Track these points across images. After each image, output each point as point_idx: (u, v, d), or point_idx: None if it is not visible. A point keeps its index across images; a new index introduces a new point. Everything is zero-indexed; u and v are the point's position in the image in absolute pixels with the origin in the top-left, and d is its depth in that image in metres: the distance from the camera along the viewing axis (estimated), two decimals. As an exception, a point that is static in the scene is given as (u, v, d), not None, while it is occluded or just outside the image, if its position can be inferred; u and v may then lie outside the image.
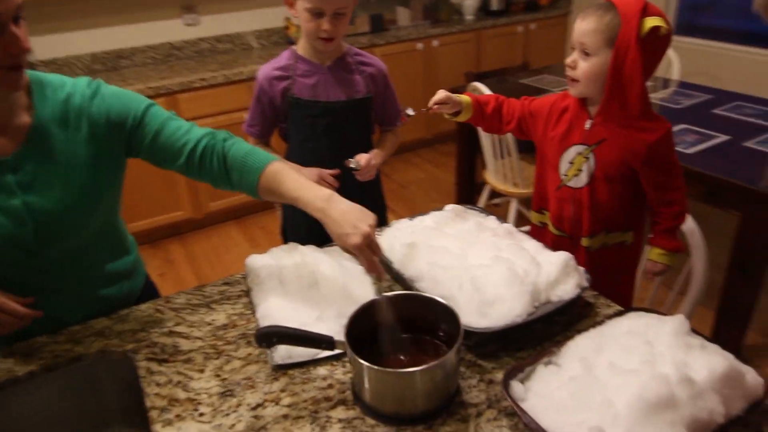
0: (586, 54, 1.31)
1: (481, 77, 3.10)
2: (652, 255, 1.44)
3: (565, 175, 1.44)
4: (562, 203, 1.47)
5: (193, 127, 1.17)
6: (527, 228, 1.56)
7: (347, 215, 1.02)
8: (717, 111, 2.61)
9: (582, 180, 1.41)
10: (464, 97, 1.49)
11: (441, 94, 1.45)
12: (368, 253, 1.01)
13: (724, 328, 2.17)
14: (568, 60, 1.34)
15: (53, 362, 1.09)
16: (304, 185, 1.09)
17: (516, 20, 4.41)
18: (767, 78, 3.52)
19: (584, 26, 1.29)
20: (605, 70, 1.29)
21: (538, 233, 1.61)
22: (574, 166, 1.41)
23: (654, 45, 1.25)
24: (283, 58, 1.54)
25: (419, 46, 4.01)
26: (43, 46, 3.17)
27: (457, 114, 1.50)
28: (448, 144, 4.47)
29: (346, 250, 1.03)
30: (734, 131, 2.35)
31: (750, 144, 2.23)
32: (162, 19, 3.48)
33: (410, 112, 1.49)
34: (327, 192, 1.06)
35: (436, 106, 1.45)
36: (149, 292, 1.37)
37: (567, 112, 1.43)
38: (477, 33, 4.26)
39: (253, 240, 3.33)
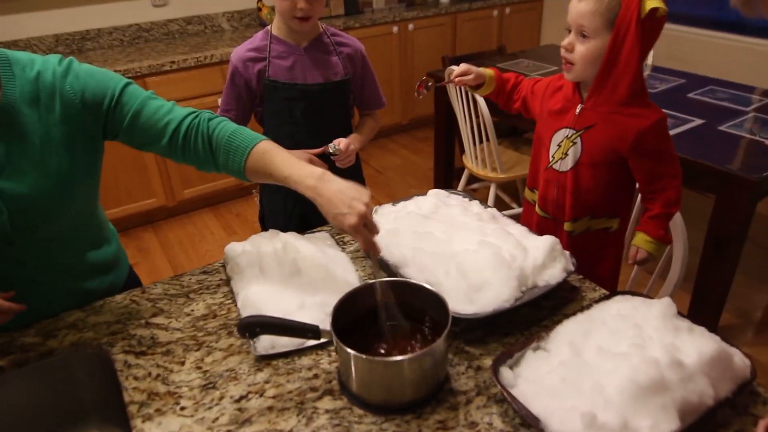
0: (583, 36, 1.27)
1: (457, 61, 3.07)
2: (636, 240, 1.42)
3: (552, 157, 1.43)
4: (548, 185, 1.47)
5: (175, 107, 1.12)
6: (507, 212, 1.55)
7: (341, 194, 0.97)
8: (691, 95, 2.64)
9: (567, 164, 1.40)
10: (488, 71, 1.49)
11: (462, 66, 1.46)
12: (365, 233, 0.98)
13: (699, 309, 2.21)
14: (565, 42, 1.31)
15: (24, 357, 1.04)
16: (294, 164, 1.04)
17: (491, 4, 4.39)
18: (737, 63, 3.58)
19: (582, 7, 1.25)
20: (603, 52, 1.26)
21: (528, 211, 1.61)
22: (561, 149, 1.40)
23: (651, 27, 1.23)
24: (257, 39, 1.48)
25: (394, 29, 3.96)
26: (3, 26, 3.03)
27: (478, 87, 1.50)
28: (425, 130, 4.45)
29: (342, 230, 0.99)
30: (708, 115, 2.38)
31: (724, 128, 2.26)
32: (129, 0, 3.36)
33: (429, 85, 1.49)
34: (318, 170, 1.02)
35: (457, 79, 1.46)
36: (133, 284, 1.31)
37: (560, 91, 1.42)
38: (452, 17, 4.23)
39: (229, 227, 3.27)
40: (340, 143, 1.47)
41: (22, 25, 3.10)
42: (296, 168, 1.03)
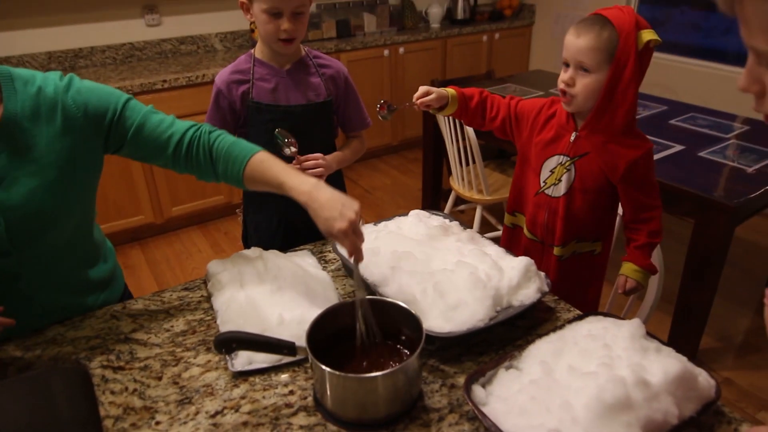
0: (584, 71, 1.29)
1: (446, 84, 3.13)
2: (625, 270, 1.44)
3: (544, 183, 1.45)
4: (538, 209, 1.48)
5: (176, 120, 1.17)
6: (492, 234, 1.57)
7: (333, 201, 1.03)
8: (673, 122, 2.70)
9: (560, 190, 1.42)
10: (450, 90, 1.47)
11: (422, 88, 1.44)
12: (353, 239, 1.02)
13: (680, 332, 2.24)
14: (565, 77, 1.32)
15: (1, 371, 1.04)
16: (289, 172, 1.10)
17: (481, 29, 4.48)
18: (718, 90, 3.66)
19: (581, 43, 1.27)
20: (602, 84, 1.28)
21: (509, 235, 1.63)
22: (554, 175, 1.42)
23: (646, 58, 1.27)
24: (241, 62, 1.52)
25: (385, 52, 4.03)
26: (-3, 43, 3.07)
27: (442, 108, 1.47)
28: (414, 150, 4.50)
29: (330, 235, 1.03)
30: (689, 141, 2.44)
31: (703, 154, 2.31)
32: (123, 19, 3.41)
33: (392, 107, 1.48)
34: (313, 179, 1.08)
35: (419, 101, 1.43)
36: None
37: (553, 118, 1.43)
38: (443, 41, 4.31)
39: (216, 245, 3.28)
40: (292, 147, 1.44)
41: (15, 41, 3.13)
42: (291, 176, 1.09)
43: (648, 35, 1.24)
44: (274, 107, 1.48)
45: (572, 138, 1.39)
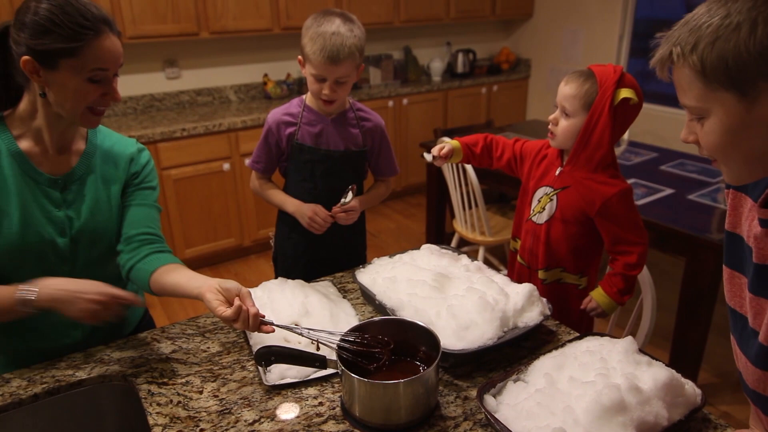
0: (566, 114, 1.48)
1: (448, 133, 3.32)
2: (593, 291, 1.57)
3: (533, 210, 1.61)
4: (527, 235, 1.64)
5: (155, 235, 1.34)
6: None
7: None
8: (663, 167, 2.87)
9: (543, 217, 1.58)
10: (453, 142, 1.67)
11: (441, 148, 1.63)
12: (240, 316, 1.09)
13: (677, 368, 2.30)
14: (551, 117, 1.52)
15: (55, 386, 1.15)
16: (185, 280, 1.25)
17: (480, 82, 4.72)
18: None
19: (566, 91, 1.47)
20: (580, 128, 1.46)
21: (512, 259, 1.78)
22: (540, 204, 1.58)
23: (624, 112, 1.44)
24: (293, 105, 1.68)
25: (390, 103, 4.25)
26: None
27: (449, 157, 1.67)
28: (417, 196, 4.67)
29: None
30: (678, 185, 2.59)
31: (692, 197, 2.46)
32: (145, 72, 3.62)
33: (429, 158, 1.65)
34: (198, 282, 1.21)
35: (441, 159, 1.63)
36: (148, 323, 1.49)
37: (545, 158, 1.61)
38: (444, 93, 4.54)
39: (227, 286, 3.38)
40: (349, 195, 1.60)
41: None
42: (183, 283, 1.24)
43: (625, 93, 1.41)
44: (316, 150, 1.64)
45: (557, 172, 1.56)
